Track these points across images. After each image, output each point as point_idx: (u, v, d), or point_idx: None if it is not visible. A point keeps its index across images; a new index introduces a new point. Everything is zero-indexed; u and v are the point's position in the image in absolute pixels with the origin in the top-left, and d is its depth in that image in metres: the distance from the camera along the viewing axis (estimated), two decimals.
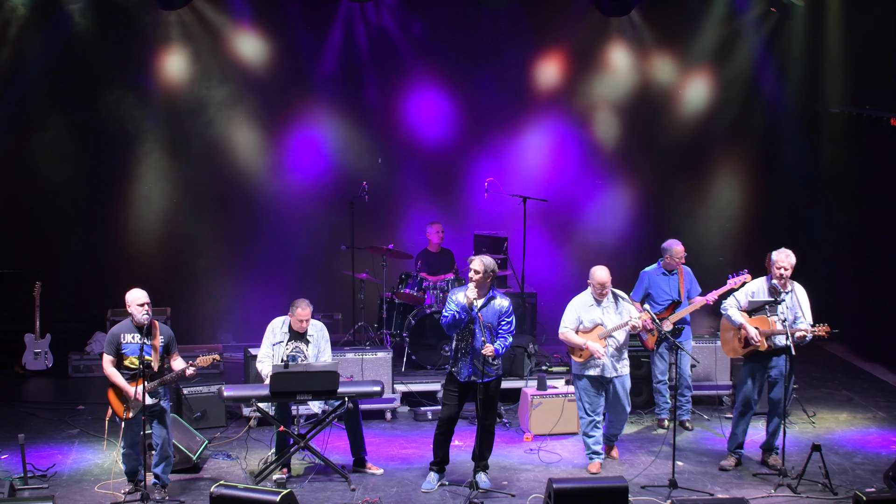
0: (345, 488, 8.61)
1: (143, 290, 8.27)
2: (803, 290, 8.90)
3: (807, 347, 9.06)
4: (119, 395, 8.27)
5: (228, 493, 7.40)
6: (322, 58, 13.09)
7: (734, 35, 13.48)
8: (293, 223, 13.18)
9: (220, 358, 8.95)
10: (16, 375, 12.01)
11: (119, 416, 8.28)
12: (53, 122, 12.60)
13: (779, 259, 8.76)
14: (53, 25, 12.35)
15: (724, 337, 9.17)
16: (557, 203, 13.31)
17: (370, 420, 10.15)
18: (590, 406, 8.98)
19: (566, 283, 13.30)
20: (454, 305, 8.35)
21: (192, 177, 13.07)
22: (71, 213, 12.77)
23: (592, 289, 8.88)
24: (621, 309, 8.85)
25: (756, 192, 13.89)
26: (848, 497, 8.17)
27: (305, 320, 8.98)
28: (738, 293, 9.04)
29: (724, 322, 9.12)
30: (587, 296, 8.96)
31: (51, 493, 8.15)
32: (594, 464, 9.02)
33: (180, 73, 12.85)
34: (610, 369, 8.85)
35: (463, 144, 13.49)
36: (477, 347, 8.29)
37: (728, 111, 13.70)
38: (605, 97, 13.58)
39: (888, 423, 10.36)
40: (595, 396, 8.95)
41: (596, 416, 8.99)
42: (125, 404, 8.24)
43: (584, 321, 8.87)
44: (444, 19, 13.16)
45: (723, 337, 9.21)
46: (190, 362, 8.31)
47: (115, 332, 8.32)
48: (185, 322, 12.72)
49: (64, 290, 12.55)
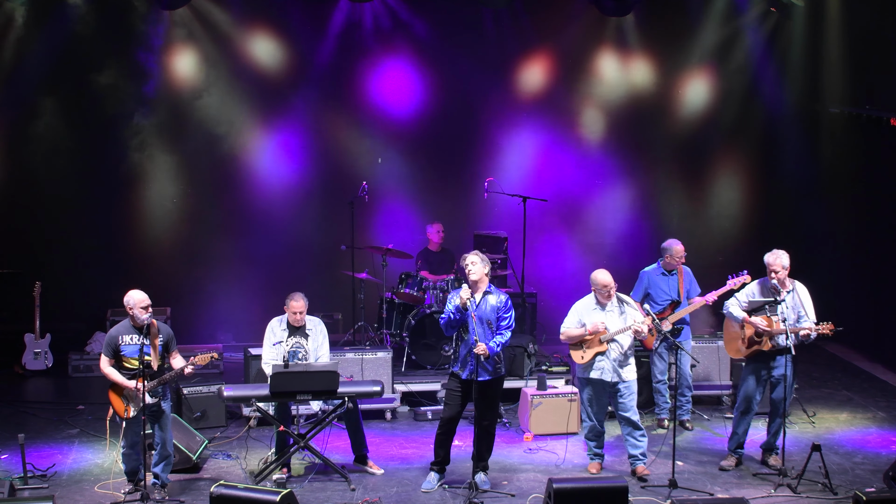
0: (345, 488, 8.61)
1: (142, 292, 8.28)
2: (805, 289, 8.89)
3: (807, 347, 9.07)
4: (119, 393, 8.27)
5: (228, 493, 7.40)
6: (322, 57, 13.09)
7: (734, 35, 13.48)
8: (293, 223, 13.18)
9: (219, 356, 8.94)
10: (16, 375, 12.01)
11: (120, 415, 8.29)
12: (53, 121, 12.60)
13: (770, 262, 8.75)
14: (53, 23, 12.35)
15: (728, 337, 9.16)
16: (558, 203, 13.31)
17: (370, 420, 10.15)
18: (591, 411, 8.92)
19: (566, 283, 13.34)
20: (451, 306, 8.37)
21: (192, 177, 13.06)
22: (71, 212, 12.76)
23: (595, 292, 8.84)
24: (625, 314, 8.78)
25: (756, 192, 13.88)
26: (848, 497, 8.17)
27: (300, 312, 8.99)
28: (739, 294, 9.03)
29: (727, 322, 9.12)
30: (590, 299, 8.91)
31: (51, 493, 8.15)
32: (594, 464, 9.02)
33: (181, 73, 12.85)
34: (611, 373, 8.76)
35: (463, 144, 13.48)
36: (472, 346, 8.30)
37: (728, 111, 13.69)
38: (604, 97, 13.57)
39: (888, 423, 10.36)
40: (596, 402, 8.87)
41: (597, 423, 8.92)
42: (126, 403, 8.24)
43: (587, 324, 8.83)
44: (445, 19, 13.14)
45: (726, 337, 9.19)
46: (189, 360, 8.32)
47: (113, 335, 8.32)
48: (185, 322, 12.74)
49: (64, 290, 12.55)
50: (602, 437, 9.04)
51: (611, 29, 13.49)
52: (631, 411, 8.81)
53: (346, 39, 13.11)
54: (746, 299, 8.93)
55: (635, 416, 8.84)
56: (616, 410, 8.90)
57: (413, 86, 13.38)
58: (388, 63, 13.25)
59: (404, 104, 13.39)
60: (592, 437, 9.02)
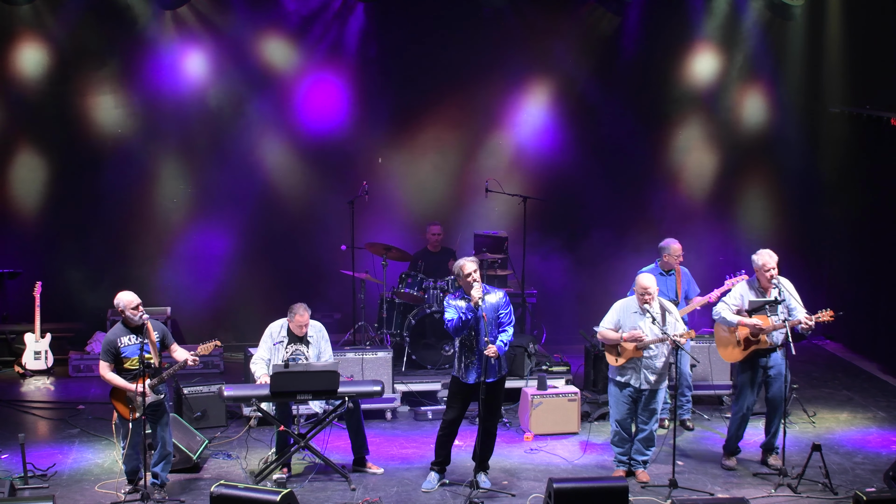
0: (345, 488, 8.61)
1: (131, 293, 8.30)
2: (788, 281, 8.84)
3: (807, 347, 9.08)
4: (122, 397, 8.27)
5: (228, 493, 7.41)
6: (322, 57, 13.06)
7: (734, 35, 13.46)
8: (293, 223, 13.17)
9: (220, 344, 8.97)
10: (16, 375, 12.01)
11: (125, 418, 8.29)
12: (53, 121, 12.60)
13: (765, 262, 8.71)
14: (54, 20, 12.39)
15: (720, 342, 9.05)
16: (558, 202, 13.29)
17: (370, 420, 10.15)
18: (616, 415, 8.77)
19: (566, 283, 13.35)
20: (454, 311, 8.32)
21: (191, 176, 13.05)
22: (71, 212, 12.75)
23: (637, 295, 8.69)
24: (667, 325, 8.56)
25: (755, 192, 13.86)
26: (848, 497, 8.17)
27: (305, 325, 8.97)
28: (728, 297, 8.98)
29: (717, 327, 9.02)
30: (632, 301, 8.75)
31: (51, 493, 8.15)
32: (619, 471, 8.87)
33: (182, 74, 12.81)
34: (641, 380, 8.61)
35: (463, 144, 13.47)
36: (482, 348, 8.29)
37: (728, 111, 13.68)
38: (605, 96, 13.54)
39: (888, 423, 10.36)
40: (624, 407, 8.71)
41: (622, 429, 8.77)
42: (130, 405, 8.24)
43: (624, 326, 8.67)
44: (446, 20, 13.12)
45: (718, 342, 9.09)
46: (192, 352, 8.37)
47: (110, 339, 8.32)
48: (186, 322, 12.75)
49: (64, 290, 12.54)
50: (628, 444, 8.83)
51: (611, 28, 13.42)
52: (651, 422, 8.72)
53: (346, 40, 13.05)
54: (737, 302, 8.88)
55: (653, 427, 8.75)
56: (636, 415, 8.80)
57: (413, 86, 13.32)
58: (389, 64, 13.20)
59: (405, 104, 13.33)
60: (618, 442, 8.85)
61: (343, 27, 13.05)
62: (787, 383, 8.86)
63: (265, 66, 12.96)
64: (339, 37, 13.06)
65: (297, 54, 13.00)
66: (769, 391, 8.93)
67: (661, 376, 8.66)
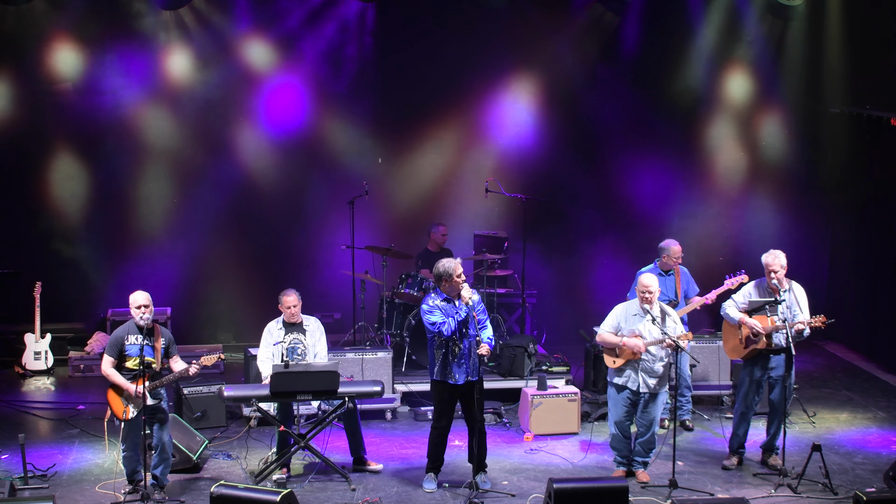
0: (345, 488, 8.62)
1: (144, 293, 8.28)
2: (801, 289, 8.90)
3: (807, 347, 9.09)
4: (119, 395, 8.27)
5: (229, 493, 7.41)
6: (322, 56, 13.07)
7: (734, 35, 13.46)
8: (293, 223, 13.17)
9: (224, 357, 8.95)
10: (16, 375, 12.01)
11: (118, 417, 8.29)
12: (53, 121, 12.60)
13: (769, 263, 8.74)
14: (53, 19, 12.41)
15: (726, 337, 9.17)
16: (558, 202, 13.29)
17: (370, 420, 10.16)
18: (614, 417, 8.75)
19: (566, 283, 13.35)
20: (440, 314, 8.30)
21: (192, 177, 13.05)
22: (71, 212, 12.76)
23: (639, 294, 8.63)
24: (667, 327, 8.53)
25: (755, 192, 13.86)
26: (848, 497, 8.17)
27: (294, 306, 9.01)
28: (737, 295, 9.02)
29: (725, 323, 9.11)
30: (633, 305, 8.72)
31: (51, 493, 8.15)
32: (618, 471, 8.87)
33: (182, 74, 12.82)
34: (639, 383, 8.59)
35: (463, 144, 13.47)
36: (471, 347, 8.30)
37: (727, 111, 13.69)
38: (605, 96, 13.55)
39: (888, 423, 10.36)
40: (622, 409, 8.68)
41: (619, 432, 8.73)
42: (125, 404, 8.24)
43: (624, 329, 8.65)
44: (446, 20, 13.13)
45: (724, 337, 9.20)
46: (193, 362, 8.32)
47: (118, 335, 8.32)
48: (186, 322, 12.75)
49: (64, 290, 12.54)
50: (626, 445, 8.81)
51: (610, 28, 13.43)
52: (652, 424, 8.67)
53: (346, 39, 13.08)
54: (744, 300, 8.92)
55: (654, 430, 8.70)
56: (636, 419, 8.78)
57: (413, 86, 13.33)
58: (389, 64, 13.21)
59: (404, 105, 13.33)
60: (616, 444, 8.83)
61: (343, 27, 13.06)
62: (789, 387, 8.84)
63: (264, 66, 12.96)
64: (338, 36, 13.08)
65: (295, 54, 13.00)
66: (771, 393, 8.95)
67: (660, 380, 8.63)
